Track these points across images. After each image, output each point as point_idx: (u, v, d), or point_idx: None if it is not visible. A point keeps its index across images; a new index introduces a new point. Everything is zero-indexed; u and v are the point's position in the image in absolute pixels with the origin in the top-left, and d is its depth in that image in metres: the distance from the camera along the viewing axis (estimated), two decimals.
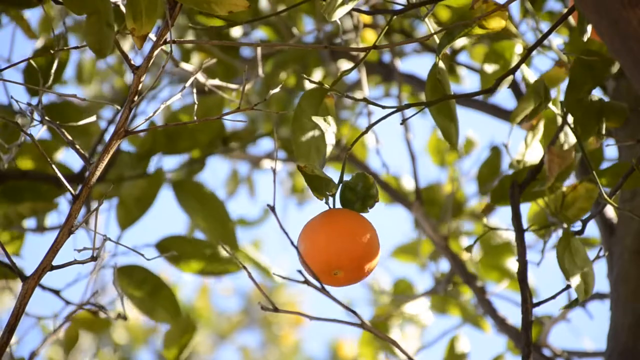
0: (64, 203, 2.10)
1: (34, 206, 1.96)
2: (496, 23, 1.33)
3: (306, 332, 5.56)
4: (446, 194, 2.27)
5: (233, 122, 2.21)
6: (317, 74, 2.25)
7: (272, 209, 1.15)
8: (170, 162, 2.17)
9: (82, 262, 1.30)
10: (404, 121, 1.37)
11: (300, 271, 1.14)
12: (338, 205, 1.29)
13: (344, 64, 2.30)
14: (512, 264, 2.22)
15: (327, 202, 1.29)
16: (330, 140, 1.34)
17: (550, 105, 1.47)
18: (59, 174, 1.28)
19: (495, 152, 2.14)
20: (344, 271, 1.21)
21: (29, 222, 2.09)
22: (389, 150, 2.62)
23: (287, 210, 2.93)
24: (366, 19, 2.21)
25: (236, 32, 2.24)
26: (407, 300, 2.24)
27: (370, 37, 2.31)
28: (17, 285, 2.14)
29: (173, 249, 1.93)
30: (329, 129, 1.33)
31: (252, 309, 5.43)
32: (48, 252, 1.27)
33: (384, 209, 2.48)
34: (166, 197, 2.15)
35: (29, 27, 2.09)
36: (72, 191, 1.29)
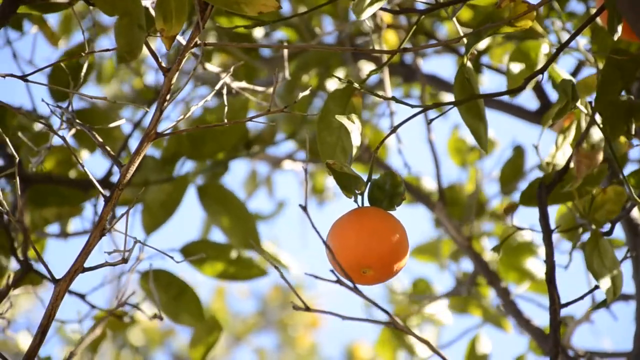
0: (87, 208, 2.11)
1: (59, 211, 1.97)
2: (524, 22, 1.33)
3: (322, 335, 5.56)
4: (467, 194, 2.26)
5: (255, 124, 2.22)
6: (339, 75, 2.24)
7: (304, 208, 1.15)
8: (194, 166, 2.17)
9: (113, 264, 1.31)
10: (431, 120, 1.36)
11: (332, 270, 1.14)
12: (366, 203, 1.29)
13: (365, 65, 2.30)
14: (532, 264, 2.20)
15: (355, 201, 1.29)
16: (356, 140, 1.34)
17: (578, 104, 1.47)
18: (93, 178, 1.28)
19: (518, 152, 2.13)
20: (373, 270, 1.21)
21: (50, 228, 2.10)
22: (408, 150, 2.61)
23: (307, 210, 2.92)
24: (388, 19, 2.20)
25: (256, 33, 2.24)
26: (426, 300, 2.24)
27: (391, 37, 2.30)
28: (38, 290, 2.14)
29: (198, 253, 1.93)
30: (354, 128, 1.33)
31: (267, 311, 5.43)
32: (80, 255, 1.27)
33: (402, 208, 2.48)
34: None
35: (52, 32, 2.10)
36: (104, 194, 1.30)
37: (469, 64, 1.40)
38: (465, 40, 1.37)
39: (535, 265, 2.14)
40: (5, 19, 1.15)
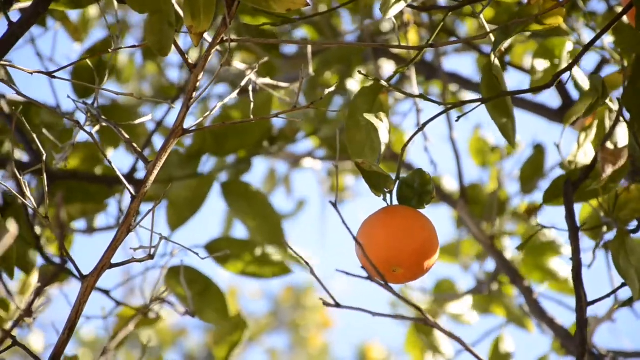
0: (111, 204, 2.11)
1: (84, 207, 1.97)
2: (553, 19, 1.32)
3: (334, 335, 5.56)
4: (488, 193, 2.25)
5: (277, 121, 2.22)
6: (363, 73, 2.23)
7: (334, 205, 1.15)
8: (216, 163, 2.17)
9: (140, 261, 1.31)
10: (459, 117, 1.36)
11: (363, 267, 1.14)
12: (395, 202, 1.29)
13: (385, 64, 2.29)
14: (555, 264, 2.19)
15: (384, 199, 1.28)
16: (384, 138, 1.33)
17: (607, 101, 1.46)
18: (120, 175, 1.29)
19: (539, 151, 2.12)
20: (403, 268, 1.21)
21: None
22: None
23: (325, 209, 2.92)
24: (409, 17, 2.20)
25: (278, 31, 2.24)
26: (449, 299, 2.23)
27: (411, 36, 2.30)
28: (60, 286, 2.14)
29: (222, 250, 1.93)
30: (383, 126, 1.32)
31: (279, 312, 5.43)
32: (107, 251, 1.28)
33: (424, 209, 2.46)
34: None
35: (75, 27, 2.10)
36: (131, 190, 1.30)
37: (496, 61, 1.39)
38: (492, 37, 1.37)
39: (558, 264, 2.13)
40: (38, 16, 1.15)
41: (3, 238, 0.78)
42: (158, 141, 2.32)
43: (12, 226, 0.79)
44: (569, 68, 1.37)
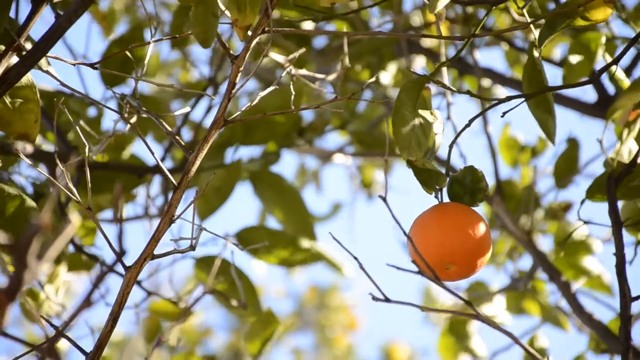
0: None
1: (114, 197, 1.97)
2: (601, 14, 1.31)
3: (359, 336, 5.56)
4: (522, 188, 2.23)
5: (306, 114, 2.21)
6: (391, 68, 2.23)
7: (384, 199, 1.14)
8: (246, 153, 2.17)
9: (182, 252, 1.30)
10: (504, 113, 1.35)
11: (413, 262, 1.13)
12: (445, 199, 1.28)
13: (416, 59, 2.28)
14: (588, 262, 2.16)
15: (436, 196, 1.28)
16: (437, 135, 1.32)
17: None
18: (162, 166, 1.28)
19: (573, 145, 2.10)
20: (457, 266, 1.20)
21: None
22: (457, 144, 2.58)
23: (354, 205, 2.91)
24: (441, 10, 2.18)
25: (309, 25, 2.23)
26: (484, 299, 2.20)
27: (443, 30, 2.28)
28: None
29: (252, 239, 1.92)
30: (433, 121, 1.32)
31: (304, 312, 5.43)
32: (150, 242, 1.27)
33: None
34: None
35: (104, 17, 2.10)
36: (174, 181, 1.30)
37: (537, 54, 1.38)
38: (532, 28, 1.36)
39: (591, 262, 2.11)
40: (86, 8, 1.15)
41: (65, 229, 0.78)
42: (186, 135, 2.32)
43: (75, 217, 0.78)
44: (615, 62, 1.36)
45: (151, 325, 1.93)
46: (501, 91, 2.34)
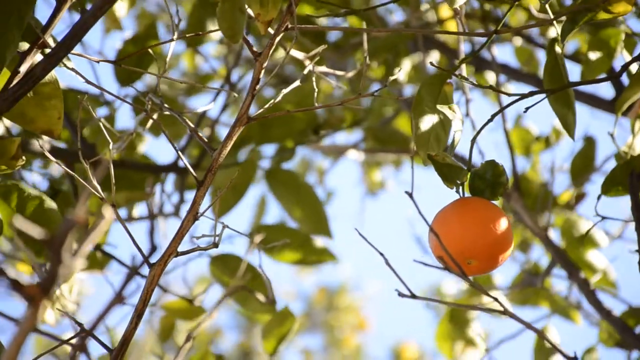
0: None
1: (130, 195, 1.97)
2: (622, 7, 1.30)
3: (369, 336, 5.56)
4: (537, 185, 2.22)
5: (322, 110, 2.20)
6: (406, 64, 2.23)
7: (410, 195, 1.14)
8: (262, 150, 2.16)
9: (205, 249, 1.30)
10: (527, 109, 1.34)
11: (438, 257, 1.13)
12: (466, 194, 1.28)
13: (431, 56, 2.28)
14: (592, 256, 2.15)
15: (457, 191, 1.27)
16: (457, 130, 1.32)
17: None
18: (186, 163, 1.28)
19: (589, 143, 2.10)
20: (478, 260, 1.19)
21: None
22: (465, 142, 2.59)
23: (364, 202, 2.91)
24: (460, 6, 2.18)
25: (322, 21, 2.22)
26: (488, 291, 2.19)
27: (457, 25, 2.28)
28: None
29: (269, 238, 1.91)
30: (453, 116, 1.31)
31: (313, 312, 5.43)
32: (174, 239, 1.27)
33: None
34: None
35: (116, 17, 2.10)
36: (197, 178, 1.30)
37: (558, 50, 1.38)
38: (555, 23, 1.36)
39: (596, 256, 2.10)
40: (112, 4, 1.15)
41: (99, 223, 0.78)
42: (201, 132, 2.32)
43: (108, 212, 0.78)
44: (636, 59, 1.36)
45: (165, 324, 1.93)
46: (515, 87, 2.34)
